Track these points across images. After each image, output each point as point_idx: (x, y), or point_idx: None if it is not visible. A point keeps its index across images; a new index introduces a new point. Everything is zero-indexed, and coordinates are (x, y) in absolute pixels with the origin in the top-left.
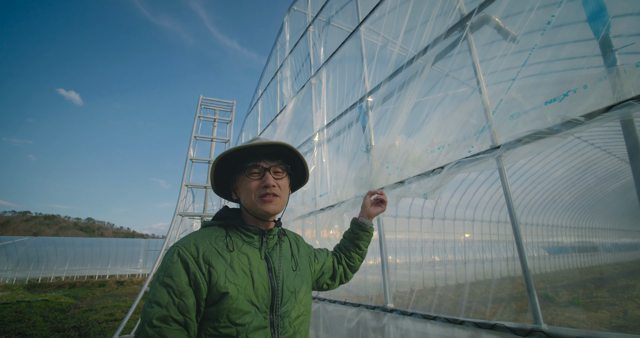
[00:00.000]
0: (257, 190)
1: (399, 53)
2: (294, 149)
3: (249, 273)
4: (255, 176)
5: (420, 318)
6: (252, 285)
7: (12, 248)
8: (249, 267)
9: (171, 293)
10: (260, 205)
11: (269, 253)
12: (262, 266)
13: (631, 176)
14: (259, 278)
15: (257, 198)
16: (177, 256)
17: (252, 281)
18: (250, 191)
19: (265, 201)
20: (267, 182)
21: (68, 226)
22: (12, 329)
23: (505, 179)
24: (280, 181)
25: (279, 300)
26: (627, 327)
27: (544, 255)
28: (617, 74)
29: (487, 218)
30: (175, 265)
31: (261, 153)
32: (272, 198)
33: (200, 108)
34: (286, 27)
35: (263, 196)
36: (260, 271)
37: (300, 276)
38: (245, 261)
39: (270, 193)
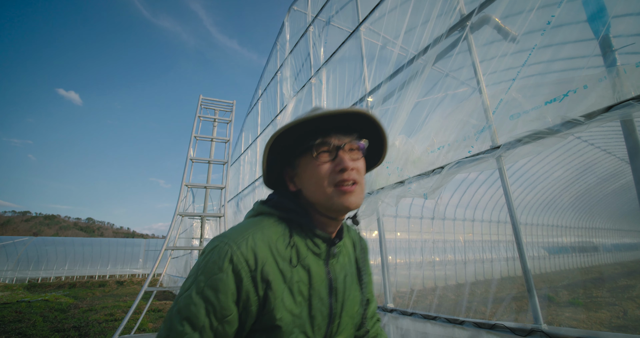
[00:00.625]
0: (331, 176)
1: (399, 53)
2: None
3: (307, 298)
4: (326, 157)
5: (420, 318)
6: (309, 313)
7: (12, 248)
8: (309, 289)
9: (211, 314)
10: (338, 197)
11: (332, 267)
12: (324, 286)
13: (631, 176)
14: (317, 304)
15: (331, 187)
16: (229, 264)
17: (310, 309)
18: (320, 179)
19: (345, 191)
20: (344, 164)
21: (68, 226)
22: (12, 329)
23: (505, 179)
24: (358, 163)
25: (335, 328)
26: (627, 327)
27: (544, 255)
28: (617, 74)
29: (487, 218)
30: (224, 275)
31: (329, 126)
32: (352, 187)
33: (200, 108)
34: (286, 27)
35: (340, 185)
36: (321, 294)
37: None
38: (306, 279)
39: (350, 179)
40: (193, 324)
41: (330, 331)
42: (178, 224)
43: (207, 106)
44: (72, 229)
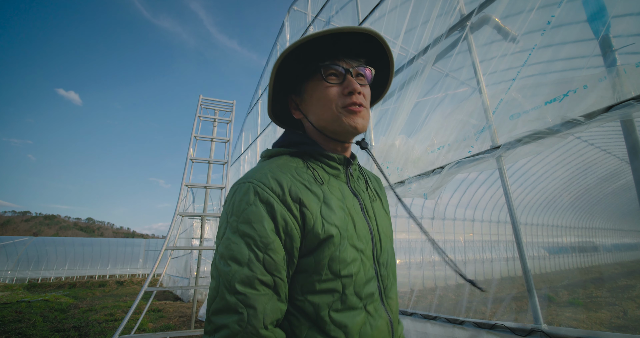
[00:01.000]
0: (339, 99)
1: (399, 53)
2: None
3: (348, 211)
4: (334, 80)
5: (420, 318)
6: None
7: (12, 248)
8: (345, 203)
9: (253, 246)
10: (346, 119)
11: (356, 187)
12: (356, 204)
13: (631, 176)
14: (357, 217)
15: (339, 109)
16: (255, 196)
17: (353, 221)
18: (329, 101)
19: (354, 111)
20: (353, 86)
21: (68, 226)
22: (12, 329)
23: (505, 179)
24: (364, 89)
25: (378, 246)
26: (627, 327)
27: (544, 255)
28: (617, 74)
29: (487, 218)
30: (254, 207)
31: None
32: (360, 109)
33: (200, 108)
34: (286, 27)
35: (348, 106)
36: (356, 209)
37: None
38: (340, 196)
39: (358, 102)
40: (239, 260)
41: (376, 248)
42: (178, 224)
43: (207, 106)
44: (72, 229)
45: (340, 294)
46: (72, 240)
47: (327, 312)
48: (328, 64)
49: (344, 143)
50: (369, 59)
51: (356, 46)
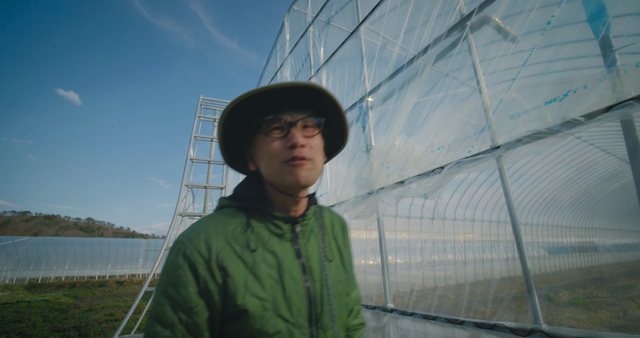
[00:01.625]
0: (282, 153)
1: (399, 53)
2: (330, 94)
3: (279, 279)
4: (277, 134)
5: (420, 318)
6: (284, 295)
7: (12, 248)
8: (278, 270)
9: (177, 309)
10: (288, 173)
11: (304, 247)
12: (295, 266)
13: (631, 176)
14: (291, 284)
15: (281, 163)
16: (183, 259)
17: (283, 290)
18: (272, 155)
19: (294, 165)
20: (294, 140)
21: (68, 226)
22: (12, 329)
23: (505, 179)
24: (311, 140)
25: (319, 308)
26: (627, 327)
27: (544, 255)
28: (617, 74)
29: (487, 218)
30: (181, 270)
31: (283, 102)
32: (302, 162)
33: (200, 108)
34: (286, 27)
35: (290, 160)
36: (293, 274)
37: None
38: (273, 262)
39: (299, 156)
40: (163, 322)
41: (315, 312)
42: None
43: (207, 106)
44: (72, 229)
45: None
46: (72, 240)
47: None
48: (270, 119)
49: (293, 196)
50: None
51: (303, 98)
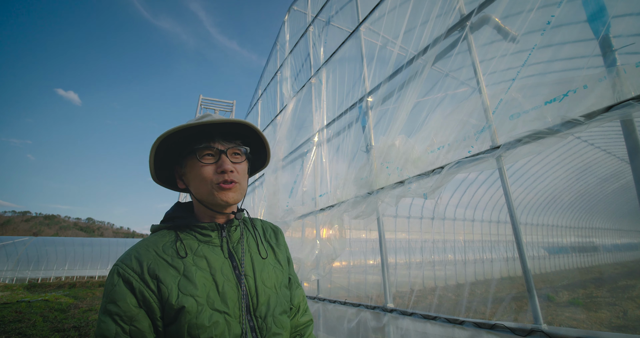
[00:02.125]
0: (213, 176)
1: (398, 53)
2: (254, 127)
3: (211, 278)
4: (209, 160)
5: (420, 318)
6: (217, 291)
7: (12, 248)
8: (210, 271)
9: (119, 321)
10: (218, 194)
11: (233, 249)
12: (226, 265)
13: (631, 176)
14: (224, 281)
15: (213, 185)
16: (118, 277)
17: (216, 286)
18: (204, 178)
19: (224, 188)
20: (225, 166)
21: (68, 226)
22: (12, 329)
23: (505, 179)
24: (238, 166)
25: (255, 301)
26: (627, 327)
27: (544, 255)
28: (617, 74)
29: (487, 218)
30: (117, 287)
31: (215, 132)
32: (231, 185)
33: (200, 108)
34: (286, 27)
35: (221, 183)
36: (224, 272)
37: (277, 268)
38: (204, 265)
39: (229, 179)
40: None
41: (252, 303)
42: None
43: (207, 105)
44: (72, 229)
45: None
46: (72, 240)
47: None
48: (203, 147)
49: (221, 213)
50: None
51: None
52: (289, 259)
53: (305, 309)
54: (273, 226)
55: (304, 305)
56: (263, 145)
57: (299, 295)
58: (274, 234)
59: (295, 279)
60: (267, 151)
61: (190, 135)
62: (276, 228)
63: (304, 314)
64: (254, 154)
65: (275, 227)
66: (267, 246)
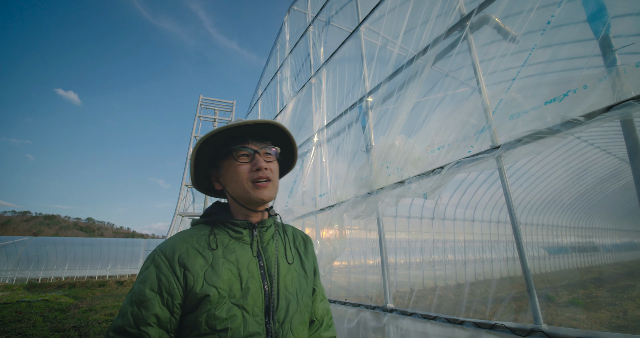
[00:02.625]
0: (249, 174)
1: (398, 53)
2: (284, 128)
3: (237, 272)
4: (245, 159)
5: (420, 318)
6: (240, 286)
7: (12, 248)
8: (237, 265)
9: (133, 302)
10: (254, 192)
11: (262, 249)
12: (253, 263)
13: (631, 176)
14: (248, 277)
15: (249, 183)
16: (151, 261)
17: (240, 281)
18: (240, 177)
19: (260, 186)
20: (260, 164)
21: (68, 226)
22: (12, 329)
23: (505, 179)
24: (271, 165)
25: (275, 303)
26: (627, 327)
27: (544, 255)
28: (617, 74)
29: (487, 218)
30: (147, 270)
31: (247, 134)
32: (266, 183)
33: (200, 108)
34: (286, 27)
35: (256, 181)
36: (250, 269)
37: (302, 276)
38: (233, 258)
39: (264, 177)
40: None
41: (271, 305)
42: (178, 224)
43: (207, 106)
44: (72, 229)
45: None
46: (72, 240)
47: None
48: (238, 147)
49: (255, 211)
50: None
51: (264, 131)
52: (316, 270)
53: (330, 324)
54: (304, 235)
55: (328, 320)
56: (290, 147)
57: (323, 308)
58: (303, 242)
59: (321, 291)
60: (294, 153)
61: (224, 139)
62: (306, 237)
63: (327, 329)
64: (281, 155)
65: (305, 236)
66: (295, 253)
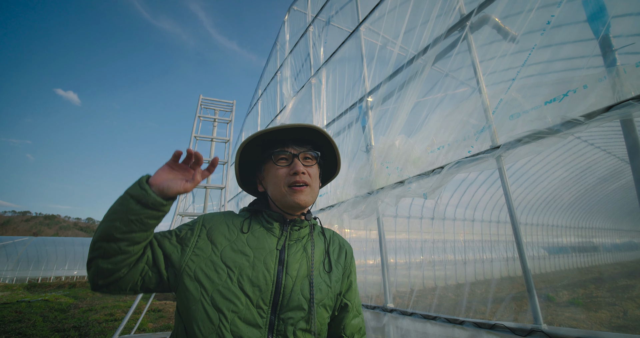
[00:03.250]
0: (286, 178)
1: (398, 53)
2: (326, 133)
3: (252, 256)
4: (283, 163)
5: (420, 318)
6: (252, 272)
7: (12, 248)
8: (254, 252)
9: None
10: (290, 195)
11: (288, 246)
12: (273, 256)
13: (631, 176)
14: (261, 266)
15: (286, 187)
16: (193, 221)
17: (253, 265)
18: (278, 180)
19: (296, 190)
20: (297, 168)
21: (68, 226)
22: (12, 329)
23: (505, 179)
24: (310, 169)
25: (285, 301)
26: (627, 327)
27: (544, 255)
28: (617, 74)
29: (487, 218)
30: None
31: (288, 138)
32: (302, 188)
33: (200, 108)
34: (286, 27)
35: (292, 185)
36: (267, 260)
37: (327, 284)
38: (254, 244)
39: (301, 181)
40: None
41: (281, 302)
42: (178, 224)
43: (207, 106)
44: (72, 229)
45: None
46: (72, 240)
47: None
48: (278, 151)
49: (292, 215)
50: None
51: (305, 134)
52: (352, 283)
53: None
54: (342, 242)
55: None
56: (333, 153)
57: (355, 325)
58: (338, 249)
59: (356, 306)
60: (337, 158)
61: (266, 142)
62: (344, 245)
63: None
64: (324, 160)
65: (343, 243)
66: (325, 258)
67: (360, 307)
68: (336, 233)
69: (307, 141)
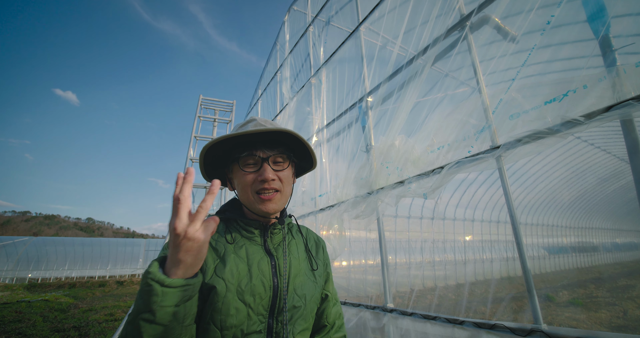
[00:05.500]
0: (254, 185)
1: (398, 53)
2: (297, 134)
3: (247, 269)
4: (251, 169)
5: (420, 318)
6: (249, 282)
7: (12, 248)
8: (247, 262)
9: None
10: (259, 204)
11: (274, 249)
12: (264, 261)
13: (631, 176)
14: (257, 273)
15: (253, 194)
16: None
17: (250, 276)
18: (245, 186)
19: (264, 199)
20: (265, 175)
21: (68, 226)
22: (12, 329)
23: (505, 179)
24: (281, 173)
25: (282, 303)
26: (627, 327)
27: (544, 255)
28: (617, 74)
29: (487, 218)
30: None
31: (257, 140)
32: (271, 196)
33: (200, 108)
34: (286, 27)
35: (260, 193)
36: (261, 266)
37: (313, 281)
38: (244, 254)
39: (270, 188)
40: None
41: (278, 305)
42: None
43: (207, 106)
44: (72, 229)
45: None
46: (72, 240)
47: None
48: (245, 155)
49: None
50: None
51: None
52: (329, 275)
53: (340, 325)
54: (317, 238)
55: (340, 321)
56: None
57: (335, 312)
58: (315, 246)
59: (334, 296)
60: (312, 156)
61: (235, 144)
62: (319, 241)
63: (338, 330)
64: (298, 158)
65: (318, 239)
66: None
67: (337, 295)
68: (310, 230)
69: (279, 143)
